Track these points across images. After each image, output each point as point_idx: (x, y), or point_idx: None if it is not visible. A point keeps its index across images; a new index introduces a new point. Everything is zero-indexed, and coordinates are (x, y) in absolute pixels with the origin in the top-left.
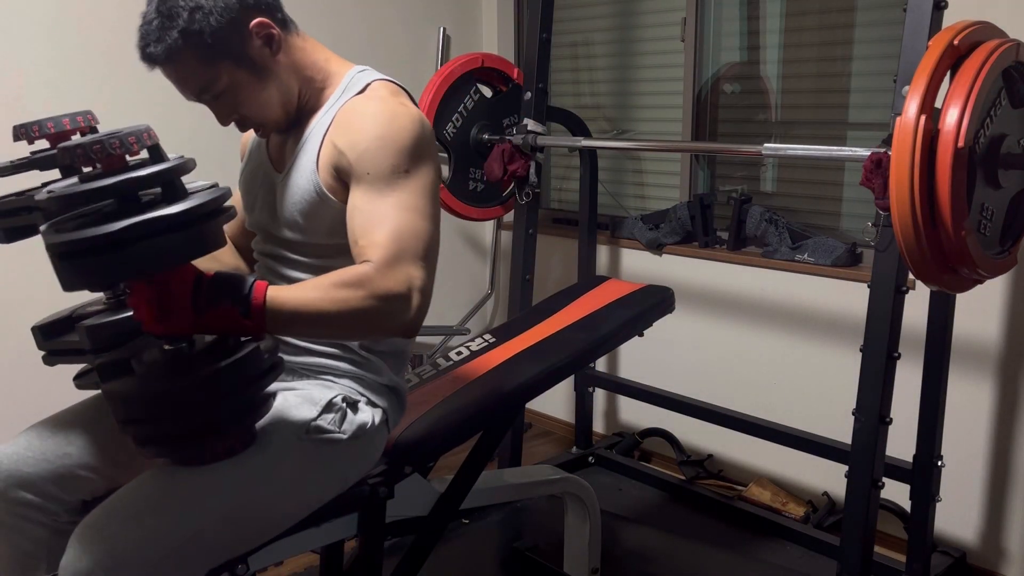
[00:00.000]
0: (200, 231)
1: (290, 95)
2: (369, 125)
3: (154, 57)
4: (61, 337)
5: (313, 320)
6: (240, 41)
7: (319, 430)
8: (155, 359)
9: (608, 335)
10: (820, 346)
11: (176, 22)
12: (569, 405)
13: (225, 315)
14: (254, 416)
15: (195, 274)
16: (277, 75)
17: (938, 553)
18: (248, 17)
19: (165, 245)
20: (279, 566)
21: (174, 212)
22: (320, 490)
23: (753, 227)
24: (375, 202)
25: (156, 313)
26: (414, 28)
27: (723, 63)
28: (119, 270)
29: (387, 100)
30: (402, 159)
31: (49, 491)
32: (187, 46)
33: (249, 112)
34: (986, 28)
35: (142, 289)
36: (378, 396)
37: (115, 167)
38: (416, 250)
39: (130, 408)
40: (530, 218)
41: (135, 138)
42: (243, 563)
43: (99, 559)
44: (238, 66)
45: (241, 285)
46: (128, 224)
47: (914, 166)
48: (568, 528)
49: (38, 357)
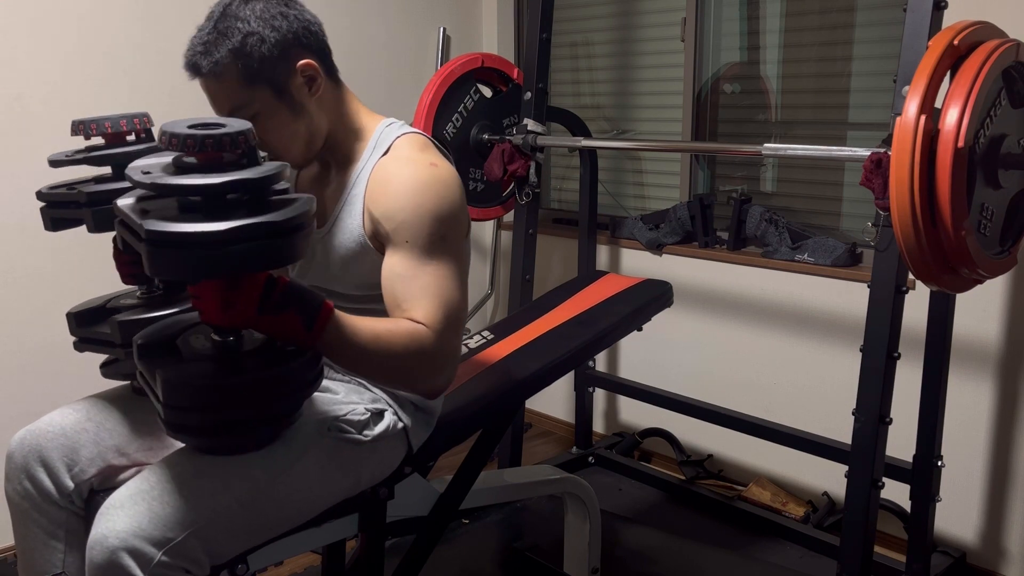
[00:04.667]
0: (292, 241)
1: (316, 136)
2: (405, 195)
3: (199, 68)
4: (93, 327)
5: (359, 354)
6: (284, 74)
7: (341, 429)
8: (204, 348)
9: (607, 330)
10: (820, 346)
11: (230, 40)
12: (569, 405)
13: (287, 322)
14: (289, 420)
15: (266, 276)
16: (310, 114)
17: (938, 553)
18: (298, 55)
19: (260, 249)
20: (279, 566)
21: (277, 220)
22: (333, 488)
23: (753, 227)
24: (416, 270)
25: (220, 305)
26: (414, 28)
27: (723, 63)
28: (212, 268)
29: (418, 162)
30: (439, 226)
31: (61, 469)
32: (233, 65)
33: (273, 141)
34: (986, 28)
35: (212, 281)
36: (404, 412)
37: (213, 162)
38: (457, 320)
39: (179, 395)
40: (530, 218)
41: (243, 137)
42: (243, 563)
43: (125, 537)
44: (276, 96)
45: (313, 299)
46: (234, 226)
47: (914, 166)
48: (568, 528)
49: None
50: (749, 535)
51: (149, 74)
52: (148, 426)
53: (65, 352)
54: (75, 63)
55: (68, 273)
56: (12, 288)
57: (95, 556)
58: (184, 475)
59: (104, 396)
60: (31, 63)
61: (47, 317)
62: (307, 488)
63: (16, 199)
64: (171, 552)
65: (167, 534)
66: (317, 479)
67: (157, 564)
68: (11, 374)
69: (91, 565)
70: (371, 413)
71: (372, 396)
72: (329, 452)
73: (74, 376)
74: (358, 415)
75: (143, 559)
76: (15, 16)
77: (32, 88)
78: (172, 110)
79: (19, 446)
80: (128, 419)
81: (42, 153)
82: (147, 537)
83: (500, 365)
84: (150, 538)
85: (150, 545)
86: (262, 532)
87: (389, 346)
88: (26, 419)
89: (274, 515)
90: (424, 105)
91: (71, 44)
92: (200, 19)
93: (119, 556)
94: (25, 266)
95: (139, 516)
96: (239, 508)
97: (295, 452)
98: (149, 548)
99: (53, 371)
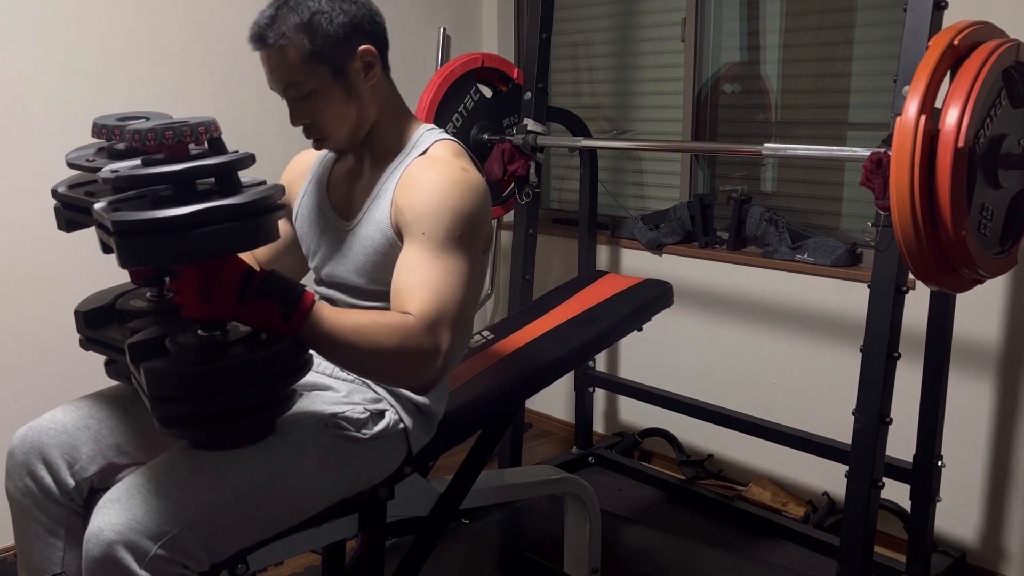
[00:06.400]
0: (259, 223)
1: (364, 122)
2: (432, 189)
3: (264, 39)
4: (102, 329)
5: (342, 346)
6: (345, 56)
7: (339, 426)
8: (189, 343)
9: (607, 330)
10: (820, 346)
11: (298, 16)
12: (569, 405)
13: (266, 311)
14: (280, 409)
15: (245, 267)
16: (362, 100)
17: (938, 553)
18: (360, 40)
19: (227, 232)
20: (279, 566)
21: (240, 202)
22: (333, 486)
23: (753, 227)
24: (424, 261)
25: (200, 298)
26: (414, 28)
27: (723, 63)
28: (180, 252)
29: (450, 164)
30: (458, 225)
31: (62, 466)
32: (297, 40)
33: (323, 121)
34: (986, 28)
35: (191, 273)
36: (406, 412)
37: (178, 154)
38: (454, 316)
39: (163, 385)
40: (530, 218)
41: (204, 128)
42: (243, 563)
43: (122, 531)
44: (333, 77)
45: (291, 289)
46: (197, 209)
47: (914, 166)
48: (568, 528)
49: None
50: (749, 535)
51: (149, 74)
52: (149, 425)
53: (66, 351)
54: (75, 63)
55: (68, 272)
56: (12, 288)
57: (91, 550)
58: (180, 470)
59: (106, 394)
60: (31, 63)
61: (47, 316)
62: (305, 485)
63: (16, 199)
64: (167, 546)
65: (163, 527)
66: (315, 476)
67: (153, 557)
68: (12, 373)
69: (87, 559)
70: (371, 412)
71: (374, 396)
72: (327, 449)
73: (75, 374)
74: (357, 413)
75: (139, 552)
76: (15, 16)
77: (32, 88)
78: (173, 110)
79: (20, 443)
80: (129, 418)
81: (42, 153)
82: (143, 530)
83: (500, 365)
84: (146, 531)
85: (146, 538)
86: (260, 529)
87: (370, 339)
88: (27, 417)
89: (272, 512)
90: (424, 105)
91: (71, 44)
92: (201, 18)
93: (115, 549)
94: (25, 266)
95: (135, 510)
96: (236, 503)
97: (293, 448)
98: (145, 541)
99: (54, 370)
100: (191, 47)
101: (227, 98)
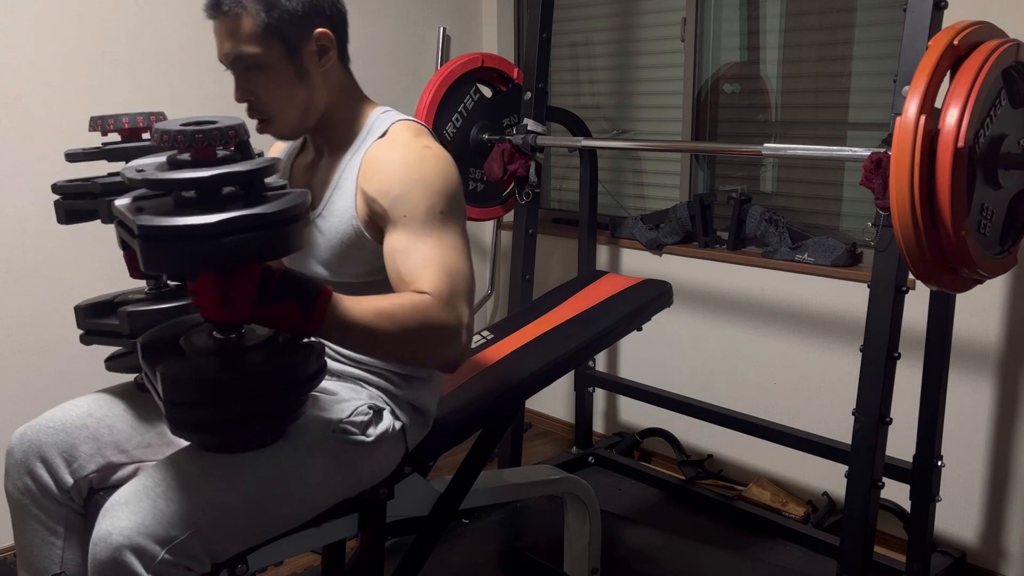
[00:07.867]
0: (288, 232)
1: (312, 108)
2: (398, 170)
3: (219, 6)
4: (101, 319)
5: (367, 335)
6: (300, 36)
7: (345, 431)
8: (206, 345)
9: (607, 330)
10: (820, 346)
11: None
12: (569, 405)
13: (286, 312)
14: (294, 415)
15: (262, 268)
16: (312, 84)
17: (938, 553)
18: (318, 23)
19: (256, 241)
20: (279, 566)
21: (270, 211)
22: (335, 489)
23: (753, 227)
24: (415, 243)
25: (218, 301)
26: (414, 28)
27: (723, 63)
28: (207, 259)
29: (411, 144)
30: (437, 200)
31: (60, 465)
32: (253, 10)
33: (268, 99)
34: (986, 28)
35: (209, 275)
36: (402, 411)
37: (206, 156)
38: (465, 289)
39: (180, 391)
40: (530, 218)
41: (234, 132)
42: (243, 563)
43: (130, 535)
44: (286, 55)
45: (309, 286)
46: (227, 217)
47: (914, 166)
48: (568, 528)
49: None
50: (749, 535)
51: (149, 74)
52: (149, 424)
53: (65, 350)
54: (75, 63)
55: (68, 272)
56: (12, 287)
57: (99, 553)
58: (189, 473)
59: (105, 393)
60: (31, 63)
61: (47, 315)
62: (309, 490)
63: (16, 198)
64: (174, 550)
65: (171, 532)
66: (320, 480)
67: (160, 562)
68: (12, 373)
69: (94, 562)
70: (372, 412)
71: (369, 393)
72: (333, 454)
73: (75, 374)
74: (362, 415)
75: (146, 557)
76: (15, 16)
77: (32, 88)
78: (172, 110)
79: (19, 442)
80: (129, 416)
81: (42, 153)
82: (151, 535)
83: (500, 365)
84: (154, 535)
85: (154, 543)
86: (263, 532)
87: (394, 321)
88: (27, 417)
89: (276, 515)
90: (424, 105)
91: (71, 44)
92: (201, 18)
93: (123, 553)
94: (25, 265)
95: (143, 513)
96: (243, 508)
97: (300, 453)
98: (153, 546)
99: (53, 369)
100: (191, 47)
101: (227, 98)
